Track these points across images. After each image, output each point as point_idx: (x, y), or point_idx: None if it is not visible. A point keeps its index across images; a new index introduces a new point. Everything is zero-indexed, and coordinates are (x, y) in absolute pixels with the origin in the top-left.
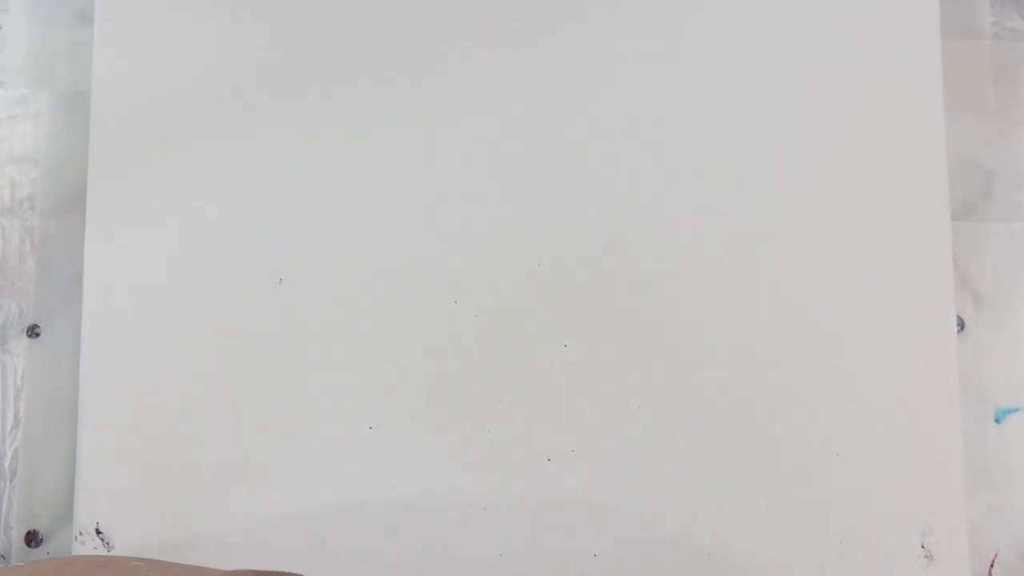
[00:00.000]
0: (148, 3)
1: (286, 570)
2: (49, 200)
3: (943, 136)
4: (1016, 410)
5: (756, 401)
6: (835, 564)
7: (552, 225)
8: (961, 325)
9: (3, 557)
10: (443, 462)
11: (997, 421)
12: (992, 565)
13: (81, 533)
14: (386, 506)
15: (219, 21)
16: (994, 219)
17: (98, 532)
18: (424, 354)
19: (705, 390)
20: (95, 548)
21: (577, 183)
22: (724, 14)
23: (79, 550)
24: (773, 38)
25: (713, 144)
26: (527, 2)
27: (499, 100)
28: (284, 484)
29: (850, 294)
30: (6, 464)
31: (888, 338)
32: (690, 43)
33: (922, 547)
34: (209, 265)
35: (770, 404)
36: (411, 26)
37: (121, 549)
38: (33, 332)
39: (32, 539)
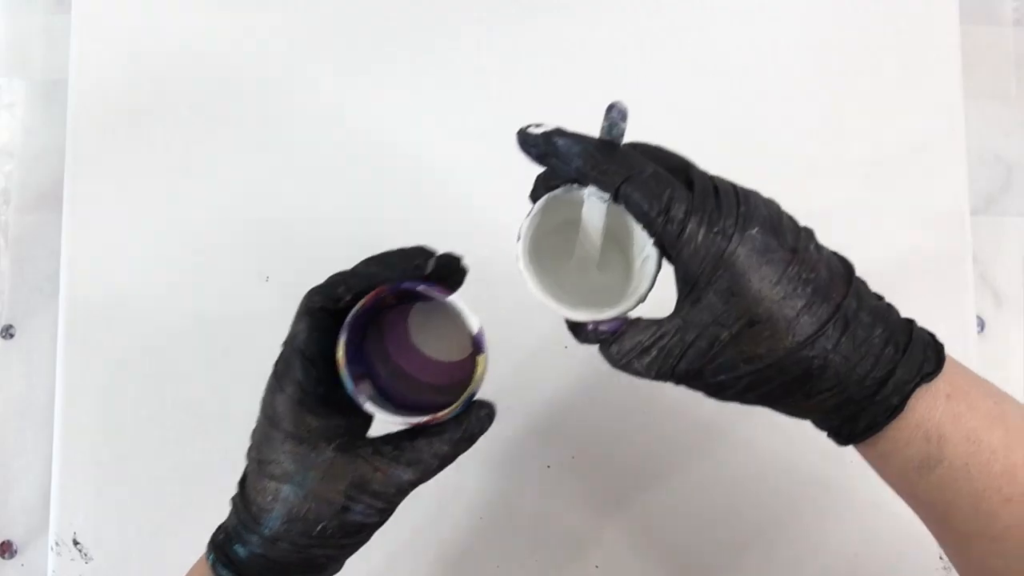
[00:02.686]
0: None
1: None
2: (24, 194)
3: (962, 127)
4: None
5: None
6: None
7: None
8: (981, 326)
9: None
10: None
11: None
12: None
13: (58, 543)
14: None
15: (202, 6)
16: (1016, 213)
17: (75, 542)
18: None
19: None
20: (72, 559)
21: None
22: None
23: (55, 561)
24: (785, 24)
25: (721, 136)
26: None
27: (494, 92)
28: None
29: None
30: None
31: None
32: (697, 31)
33: (941, 558)
34: (192, 262)
35: None
36: (403, 17)
37: (99, 560)
38: (7, 333)
39: (6, 550)
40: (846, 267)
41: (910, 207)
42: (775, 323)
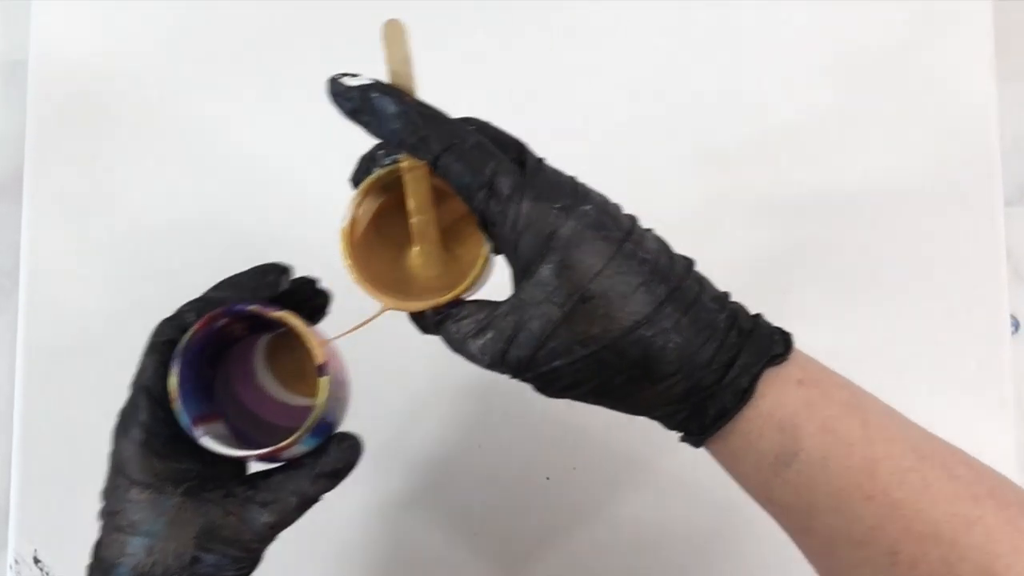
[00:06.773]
0: None
1: None
2: None
3: (995, 111)
4: None
5: None
6: None
7: None
8: (1016, 325)
9: None
10: (432, 478)
11: None
12: None
13: (17, 562)
14: (371, 527)
15: None
16: None
17: (36, 561)
18: (410, 360)
19: None
20: None
21: (581, 164)
22: None
23: None
24: (810, 3)
25: (738, 121)
26: None
27: (491, 73)
28: None
29: (891, 291)
30: None
31: (934, 341)
32: (720, 7)
33: None
34: (162, 258)
35: None
36: (380, 14)
37: None
38: None
39: None
40: (686, 259)
41: (939, 198)
42: (609, 299)
